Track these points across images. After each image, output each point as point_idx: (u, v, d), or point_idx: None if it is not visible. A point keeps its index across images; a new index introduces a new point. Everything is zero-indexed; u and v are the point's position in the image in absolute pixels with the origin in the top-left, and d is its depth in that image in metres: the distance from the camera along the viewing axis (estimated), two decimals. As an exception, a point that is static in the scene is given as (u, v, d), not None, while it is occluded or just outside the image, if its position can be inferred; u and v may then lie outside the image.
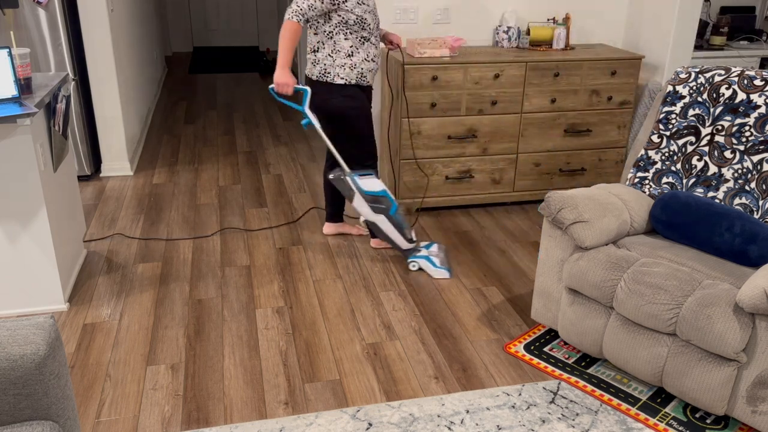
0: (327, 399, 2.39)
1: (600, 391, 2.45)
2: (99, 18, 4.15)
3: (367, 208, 3.21)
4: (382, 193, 3.21)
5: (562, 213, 2.49)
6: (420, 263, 3.31)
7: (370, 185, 3.20)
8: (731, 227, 2.36)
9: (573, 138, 4.04)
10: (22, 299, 2.86)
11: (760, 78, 2.56)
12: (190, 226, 3.77)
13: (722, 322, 2.07)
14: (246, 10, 9.41)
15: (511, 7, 4.18)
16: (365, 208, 3.22)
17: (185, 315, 2.90)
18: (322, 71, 3.15)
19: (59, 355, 1.60)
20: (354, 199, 3.20)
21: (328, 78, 3.16)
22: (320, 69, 3.16)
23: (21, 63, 2.73)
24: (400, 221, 3.26)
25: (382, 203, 3.22)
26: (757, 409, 2.11)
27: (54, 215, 2.86)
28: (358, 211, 3.26)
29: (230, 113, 6.20)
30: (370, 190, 3.20)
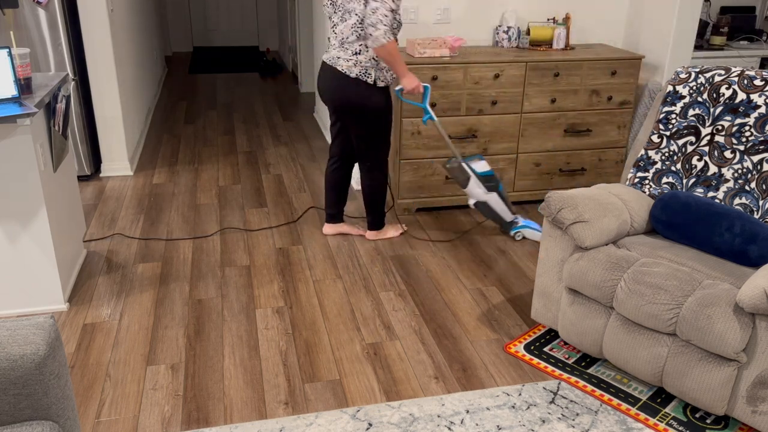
0: (327, 399, 2.39)
1: (600, 391, 2.45)
2: (99, 18, 4.15)
3: (482, 188, 3.48)
4: (491, 173, 3.49)
5: (562, 213, 2.49)
6: (524, 233, 3.62)
7: (480, 167, 3.48)
8: (731, 227, 2.36)
9: (573, 138, 4.04)
10: (22, 299, 2.86)
11: (760, 78, 2.56)
12: (190, 226, 3.77)
13: (722, 322, 2.07)
14: (246, 10, 9.41)
15: (511, 7, 4.18)
16: (479, 190, 3.48)
17: (185, 315, 2.90)
18: (363, 72, 3.18)
19: (59, 355, 1.60)
20: (469, 182, 3.46)
21: (369, 79, 3.19)
22: (361, 70, 3.18)
23: (21, 63, 2.73)
24: (506, 196, 3.54)
25: (492, 182, 3.49)
26: (757, 409, 2.11)
27: (54, 215, 2.86)
28: (470, 194, 3.50)
29: (230, 113, 6.20)
30: (482, 171, 3.46)
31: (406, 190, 3.90)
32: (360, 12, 3.09)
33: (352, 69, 3.18)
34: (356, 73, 3.18)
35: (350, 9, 3.12)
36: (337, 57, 3.22)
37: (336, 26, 3.21)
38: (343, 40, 3.18)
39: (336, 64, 3.22)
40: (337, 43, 3.23)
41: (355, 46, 3.17)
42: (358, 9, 3.09)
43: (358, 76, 3.18)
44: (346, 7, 3.13)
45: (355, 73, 3.18)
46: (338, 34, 3.20)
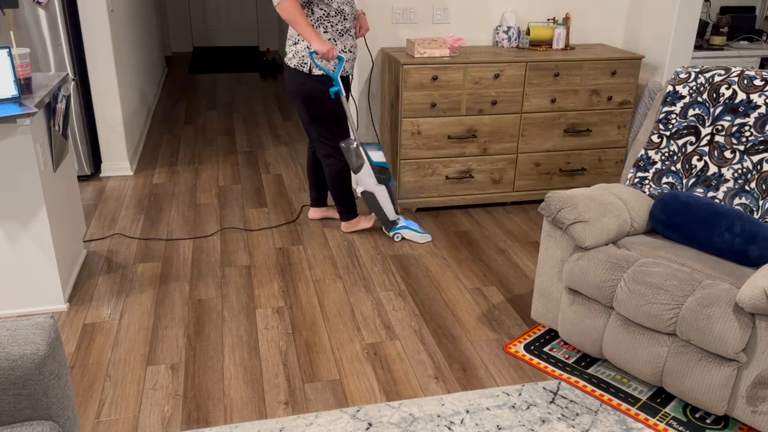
0: (327, 399, 2.39)
1: (600, 391, 2.45)
2: (99, 18, 4.15)
3: (373, 178, 3.40)
4: (385, 165, 3.44)
5: (562, 213, 2.49)
6: (403, 233, 3.56)
7: (377, 157, 3.42)
8: (731, 227, 2.36)
9: (573, 138, 4.04)
10: (22, 299, 2.86)
11: (760, 78, 2.56)
12: (190, 226, 3.77)
13: (722, 322, 2.07)
14: (246, 11, 9.41)
15: (511, 7, 4.18)
16: (370, 179, 3.41)
17: (185, 315, 2.90)
18: (300, 62, 3.23)
19: (59, 355, 1.60)
20: (362, 168, 3.36)
21: (305, 69, 3.24)
22: (298, 59, 3.23)
23: (21, 63, 2.73)
24: (394, 193, 3.53)
25: (384, 174, 3.43)
26: (757, 409, 2.11)
27: (54, 215, 2.86)
28: (360, 181, 3.42)
29: (230, 113, 6.20)
30: (377, 161, 3.41)
31: (406, 190, 3.90)
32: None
33: (292, 60, 3.26)
34: (294, 64, 3.25)
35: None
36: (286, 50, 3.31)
37: None
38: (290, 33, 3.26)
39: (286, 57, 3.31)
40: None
41: (295, 36, 3.23)
42: None
43: (296, 66, 3.25)
44: None
45: (294, 63, 3.25)
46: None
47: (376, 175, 3.40)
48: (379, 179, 3.42)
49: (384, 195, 3.46)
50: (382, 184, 3.44)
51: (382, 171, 3.42)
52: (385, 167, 3.43)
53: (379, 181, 3.43)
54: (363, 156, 3.36)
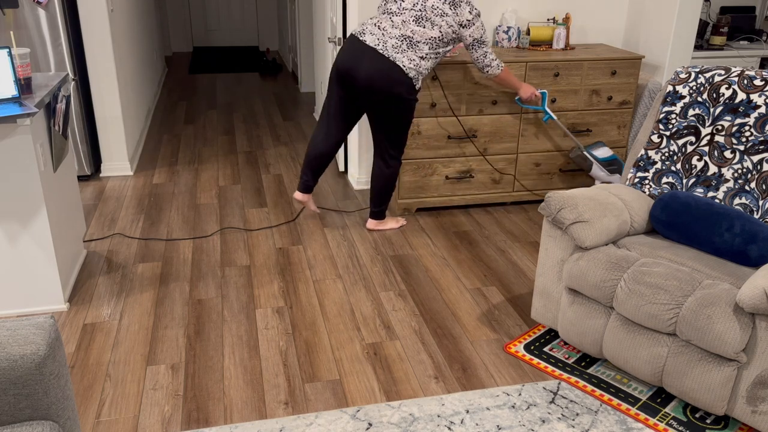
0: (327, 399, 2.39)
1: (600, 391, 2.45)
2: (99, 18, 4.15)
3: (604, 172, 3.78)
4: (614, 157, 3.79)
5: (562, 213, 2.49)
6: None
7: (602, 153, 3.79)
8: (731, 227, 2.36)
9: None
10: (22, 299, 2.86)
11: (760, 78, 2.56)
12: (190, 226, 3.77)
13: (722, 322, 2.07)
14: (246, 11, 9.41)
15: (511, 7, 4.18)
16: (602, 173, 3.79)
17: (185, 315, 2.90)
18: (416, 75, 3.31)
19: (59, 355, 1.60)
20: (593, 168, 3.79)
21: (417, 83, 3.34)
22: (416, 74, 3.30)
23: (21, 63, 2.73)
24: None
25: (614, 165, 3.80)
26: (757, 409, 2.11)
27: (54, 215, 2.86)
28: (595, 176, 3.84)
29: (230, 113, 6.20)
30: (603, 157, 3.77)
31: (406, 190, 3.90)
32: (444, 32, 3.23)
33: (411, 70, 3.27)
34: (413, 75, 3.29)
35: (437, 23, 3.22)
36: (395, 49, 3.24)
37: (404, 19, 3.24)
38: (412, 40, 3.24)
39: (390, 55, 3.25)
40: (397, 34, 3.25)
41: (423, 52, 3.27)
42: (444, 27, 3.22)
43: (413, 77, 3.30)
44: (430, 17, 3.22)
45: (412, 74, 3.29)
46: (403, 28, 3.24)
47: (607, 168, 3.78)
48: (611, 170, 3.80)
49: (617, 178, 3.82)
50: (616, 173, 3.80)
51: (612, 163, 3.78)
52: (614, 159, 3.78)
53: (611, 173, 3.80)
54: (589, 158, 3.78)
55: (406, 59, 3.25)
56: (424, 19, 3.22)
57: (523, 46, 4.10)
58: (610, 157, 3.79)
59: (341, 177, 4.61)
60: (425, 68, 3.31)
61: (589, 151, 3.80)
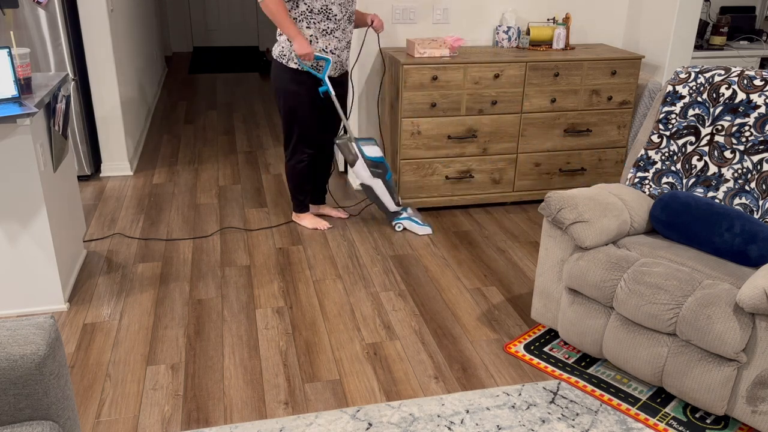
0: (327, 399, 2.39)
1: (600, 391, 2.45)
2: (99, 18, 4.15)
3: (367, 172, 3.47)
4: (381, 160, 3.50)
5: (562, 213, 2.49)
6: (404, 224, 3.66)
7: (371, 151, 3.48)
8: (731, 227, 2.36)
9: (573, 138, 4.04)
10: (22, 299, 2.86)
11: (760, 78, 2.56)
12: (190, 226, 3.77)
13: (722, 322, 2.07)
14: (246, 11, 9.41)
15: (511, 7, 4.18)
16: (365, 172, 3.48)
17: (185, 315, 2.90)
18: (280, 53, 3.24)
19: (59, 355, 1.60)
20: (356, 163, 3.45)
21: (284, 60, 3.25)
22: (279, 50, 3.25)
23: (21, 63, 2.73)
24: (392, 186, 3.58)
25: (380, 168, 3.50)
26: (757, 409, 2.11)
27: (54, 215, 2.86)
28: (357, 174, 3.50)
29: (230, 113, 6.20)
30: (371, 156, 3.47)
31: (406, 190, 3.90)
32: None
33: (275, 50, 3.28)
34: (276, 54, 3.27)
35: None
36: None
37: None
38: None
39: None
40: None
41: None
42: None
43: (276, 57, 3.27)
44: None
45: (275, 54, 3.27)
46: None
47: (370, 169, 3.47)
48: (374, 173, 3.49)
49: (381, 188, 3.54)
50: (378, 178, 3.50)
51: (377, 165, 3.48)
52: (380, 162, 3.49)
53: (374, 175, 3.49)
54: (356, 151, 3.45)
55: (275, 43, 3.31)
56: None
57: (523, 46, 4.10)
58: (376, 158, 3.48)
59: (341, 177, 4.61)
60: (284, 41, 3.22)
61: (358, 143, 3.48)
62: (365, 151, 3.46)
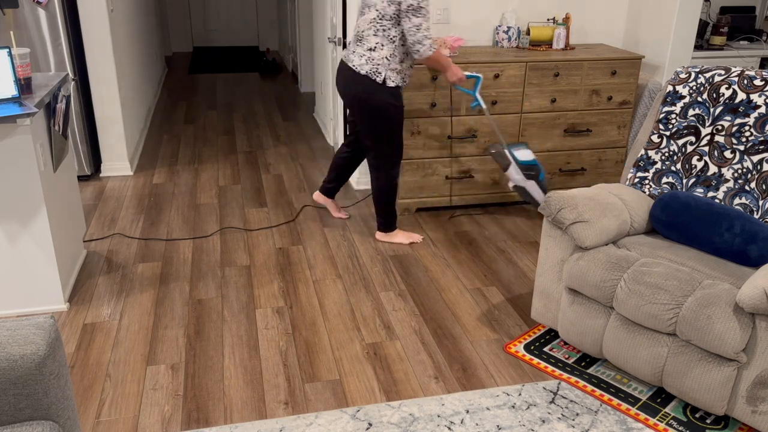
0: (327, 399, 2.39)
1: (600, 391, 2.45)
2: (99, 18, 4.15)
3: (521, 175, 3.58)
4: (534, 162, 3.57)
5: (562, 213, 2.49)
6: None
7: (523, 155, 3.58)
8: (731, 227, 2.36)
9: (573, 138, 4.04)
10: (22, 299, 2.86)
11: (760, 78, 2.56)
12: (190, 226, 3.77)
13: (722, 322, 2.07)
14: (246, 10, 9.41)
15: (511, 7, 4.18)
16: (518, 176, 3.58)
17: (185, 315, 2.90)
18: (373, 69, 3.16)
19: (59, 355, 1.61)
20: (510, 168, 3.57)
21: (378, 78, 3.17)
22: (371, 67, 3.16)
23: (21, 63, 2.73)
24: (545, 184, 3.64)
25: (533, 171, 3.58)
26: (757, 409, 2.11)
27: (54, 215, 2.86)
28: (510, 177, 3.61)
29: (230, 113, 6.20)
30: (523, 160, 3.56)
31: (406, 190, 3.90)
32: (381, 8, 3.06)
33: (364, 66, 3.17)
34: (366, 71, 3.17)
35: (370, 3, 3.11)
36: (352, 52, 3.23)
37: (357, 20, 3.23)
38: (359, 34, 3.19)
39: (349, 60, 3.24)
40: (353, 38, 3.24)
41: (371, 43, 3.15)
42: (379, 4, 3.06)
43: (368, 73, 3.17)
44: (366, 1, 3.14)
45: (365, 70, 3.17)
46: (356, 27, 3.22)
47: (523, 172, 3.56)
48: (528, 176, 3.58)
49: (534, 187, 3.62)
50: (531, 180, 3.59)
51: (530, 168, 3.57)
52: (533, 164, 3.58)
53: (527, 177, 3.58)
54: (508, 158, 3.55)
55: (356, 57, 3.20)
56: (365, 7, 3.16)
57: (523, 46, 4.10)
58: (529, 161, 3.57)
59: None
60: (382, 59, 3.15)
61: (510, 149, 3.58)
62: (517, 156, 3.56)
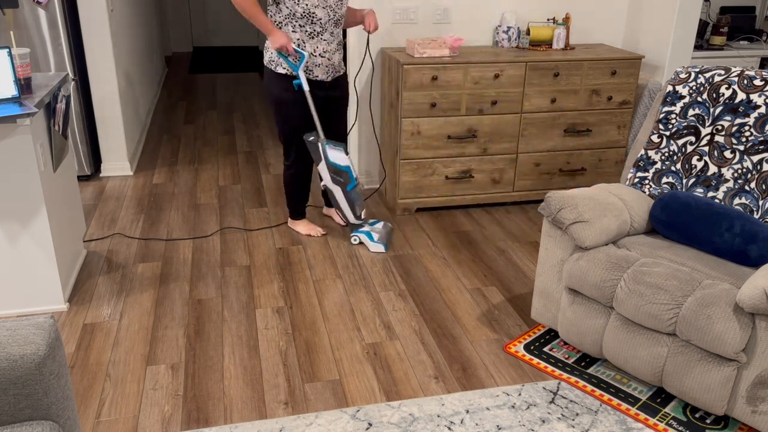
0: (327, 399, 2.39)
1: (600, 391, 2.45)
2: (99, 18, 4.15)
3: (328, 176, 3.42)
4: (344, 169, 3.37)
5: (562, 213, 2.49)
6: (360, 237, 3.55)
7: (336, 157, 3.36)
8: (731, 227, 2.36)
9: (573, 138, 4.04)
10: (22, 299, 2.86)
11: (760, 78, 2.56)
12: (190, 226, 3.77)
13: (722, 322, 2.07)
14: (246, 10, 9.40)
15: (511, 7, 4.18)
16: (327, 175, 3.43)
17: (185, 315, 2.90)
18: (269, 59, 3.24)
19: (59, 355, 1.61)
20: (320, 164, 3.40)
21: (272, 66, 3.24)
22: (268, 56, 3.25)
23: (21, 63, 2.73)
24: (354, 198, 3.46)
25: (341, 177, 3.40)
26: (757, 409, 2.11)
27: (54, 215, 2.86)
28: (321, 175, 3.46)
29: (230, 113, 6.20)
30: (334, 162, 3.37)
31: (406, 190, 3.90)
32: None
33: (265, 57, 3.28)
34: (266, 61, 3.27)
35: None
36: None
37: None
38: None
39: None
40: None
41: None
42: None
43: (266, 63, 3.27)
44: None
45: (266, 59, 3.27)
46: None
47: (330, 174, 3.39)
48: (334, 179, 3.39)
49: (340, 196, 3.44)
50: (338, 186, 3.40)
51: (338, 173, 3.37)
52: (342, 170, 3.36)
53: (333, 181, 3.41)
54: (320, 153, 3.37)
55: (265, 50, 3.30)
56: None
57: (523, 46, 4.10)
58: (339, 166, 3.35)
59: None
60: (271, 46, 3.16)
61: (326, 146, 3.34)
62: (329, 155, 3.35)
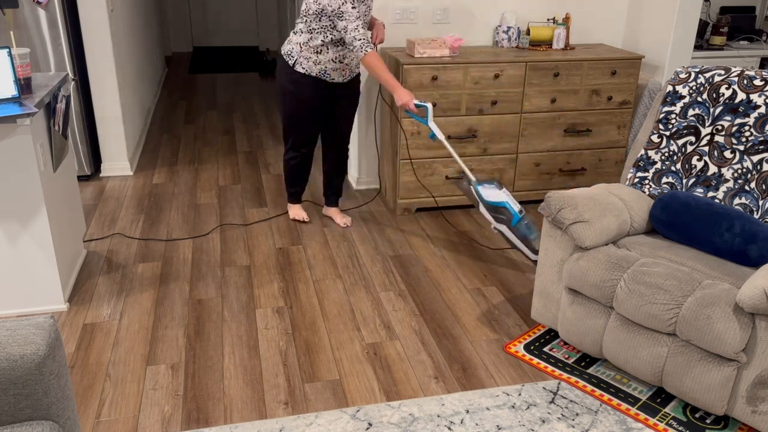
0: (327, 399, 2.39)
1: (600, 391, 2.45)
2: (99, 18, 4.15)
3: (489, 217, 3.19)
4: (502, 204, 3.12)
5: (562, 213, 2.49)
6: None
7: (489, 195, 3.16)
8: (731, 227, 2.36)
9: (573, 138, 4.04)
10: (22, 299, 2.86)
11: (760, 78, 2.56)
12: (190, 226, 3.77)
13: (722, 322, 2.07)
14: (246, 11, 9.41)
15: (511, 7, 4.18)
16: (489, 217, 3.20)
17: (185, 315, 2.90)
18: (289, 51, 3.34)
19: (59, 355, 1.61)
20: (480, 207, 3.22)
21: (290, 60, 3.34)
22: (289, 48, 3.35)
23: (21, 63, 2.73)
24: (525, 233, 3.14)
25: (502, 214, 3.14)
26: (757, 409, 2.11)
27: (54, 215, 2.86)
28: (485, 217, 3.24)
29: (230, 113, 6.20)
30: (488, 200, 3.16)
31: (406, 190, 3.90)
32: (307, 3, 3.19)
33: (285, 46, 3.37)
34: (285, 51, 3.36)
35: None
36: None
37: None
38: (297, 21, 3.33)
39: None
40: None
41: (296, 28, 3.32)
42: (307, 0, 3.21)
43: (285, 54, 3.36)
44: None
45: (285, 50, 3.36)
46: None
47: (491, 214, 3.16)
48: (497, 219, 3.14)
49: (510, 235, 3.16)
50: (502, 224, 3.15)
51: (497, 210, 3.13)
52: (501, 206, 3.12)
53: (497, 221, 3.15)
54: (475, 197, 3.19)
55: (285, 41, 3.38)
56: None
57: (523, 46, 4.10)
58: (496, 203, 3.12)
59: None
60: (296, 43, 3.29)
61: (478, 187, 3.18)
62: (483, 195, 3.14)
